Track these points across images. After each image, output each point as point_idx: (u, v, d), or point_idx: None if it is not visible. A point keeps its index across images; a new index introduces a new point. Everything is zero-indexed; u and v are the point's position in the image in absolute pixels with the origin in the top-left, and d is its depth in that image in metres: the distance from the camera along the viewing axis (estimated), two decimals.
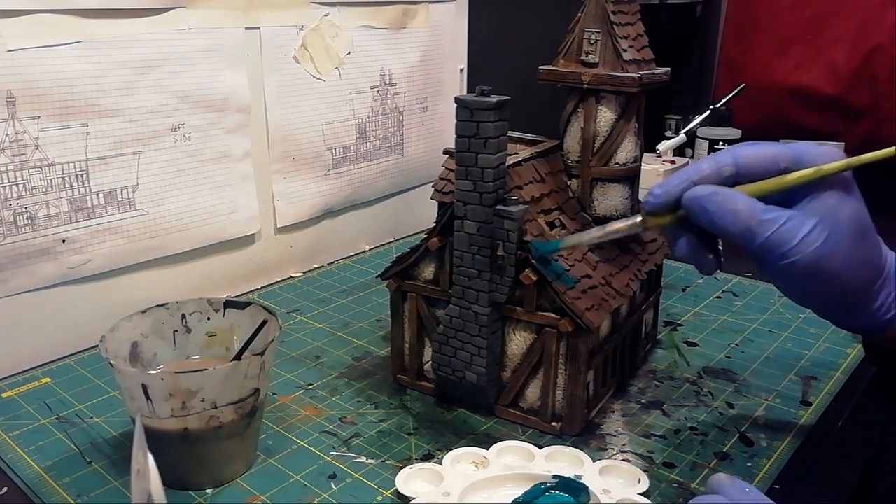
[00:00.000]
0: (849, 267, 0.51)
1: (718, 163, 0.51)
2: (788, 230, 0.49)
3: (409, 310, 0.69)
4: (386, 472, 0.59)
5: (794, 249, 0.49)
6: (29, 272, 0.75)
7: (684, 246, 0.53)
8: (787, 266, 0.49)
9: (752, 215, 0.49)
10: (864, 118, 1.29)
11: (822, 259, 0.49)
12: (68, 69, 0.73)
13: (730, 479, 0.46)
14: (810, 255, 0.49)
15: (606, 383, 0.69)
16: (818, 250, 0.49)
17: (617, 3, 0.64)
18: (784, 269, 0.50)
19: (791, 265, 0.49)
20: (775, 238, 0.49)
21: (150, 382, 0.52)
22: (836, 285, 0.51)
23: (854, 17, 1.28)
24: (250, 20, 0.89)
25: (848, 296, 0.53)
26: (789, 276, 0.51)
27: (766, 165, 0.51)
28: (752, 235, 0.49)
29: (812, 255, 0.49)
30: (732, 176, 0.51)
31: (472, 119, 0.58)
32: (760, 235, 0.49)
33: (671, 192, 0.51)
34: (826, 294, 0.52)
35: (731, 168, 0.51)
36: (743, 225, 0.49)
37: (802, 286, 0.52)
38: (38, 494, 0.56)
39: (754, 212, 0.49)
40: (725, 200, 0.50)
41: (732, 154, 0.51)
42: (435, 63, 1.14)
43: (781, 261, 0.49)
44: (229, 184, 0.90)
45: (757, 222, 0.49)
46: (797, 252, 0.49)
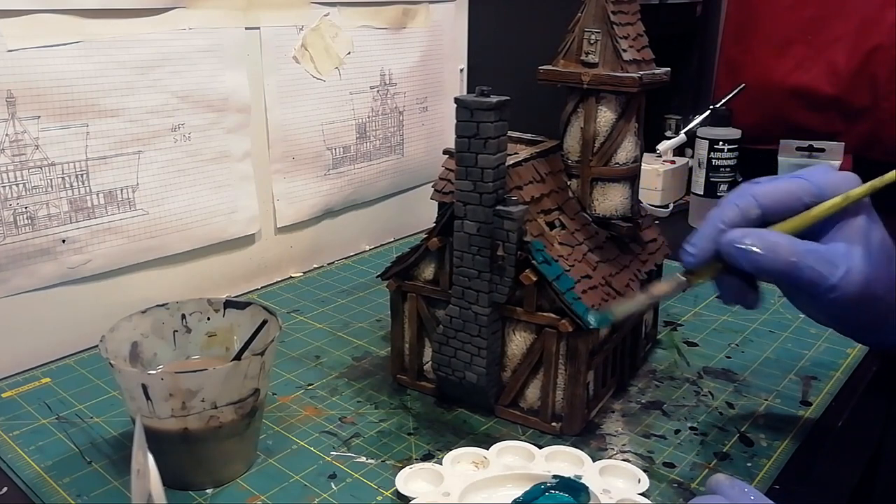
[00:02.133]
0: (884, 289, 0.50)
1: (743, 207, 0.50)
2: (833, 259, 0.48)
3: (409, 310, 0.69)
4: (386, 472, 0.59)
5: (842, 280, 0.48)
6: (29, 272, 0.75)
7: (731, 293, 0.53)
8: (835, 297, 0.49)
9: (793, 250, 0.48)
10: (864, 118, 1.28)
11: (867, 285, 0.49)
12: (68, 69, 0.73)
13: (729, 480, 0.46)
14: (858, 283, 0.48)
15: (606, 383, 0.69)
16: (864, 277, 0.48)
17: (617, 3, 0.64)
18: (831, 299, 0.49)
19: (840, 296, 0.48)
20: (821, 269, 0.48)
21: (150, 382, 0.52)
22: (875, 308, 0.51)
23: (854, 17, 1.28)
24: (250, 20, 0.89)
25: (879, 317, 0.52)
26: (834, 305, 0.50)
27: (790, 202, 0.50)
28: (797, 270, 0.48)
29: (859, 283, 0.48)
30: (759, 217, 0.50)
31: (472, 119, 0.58)
32: (805, 269, 0.48)
33: (705, 246, 0.51)
34: (863, 318, 0.52)
35: (756, 210, 0.50)
36: (785, 261, 0.48)
37: (843, 313, 0.51)
38: (38, 494, 0.56)
39: (794, 246, 0.49)
40: (763, 240, 0.49)
41: (753, 195, 0.51)
42: (435, 63, 1.14)
43: (831, 293, 0.48)
44: (229, 184, 0.90)
45: (799, 256, 0.48)
46: (845, 282, 0.48)
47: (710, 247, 0.51)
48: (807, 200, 0.50)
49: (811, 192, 0.50)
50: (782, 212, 0.50)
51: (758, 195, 0.51)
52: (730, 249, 0.50)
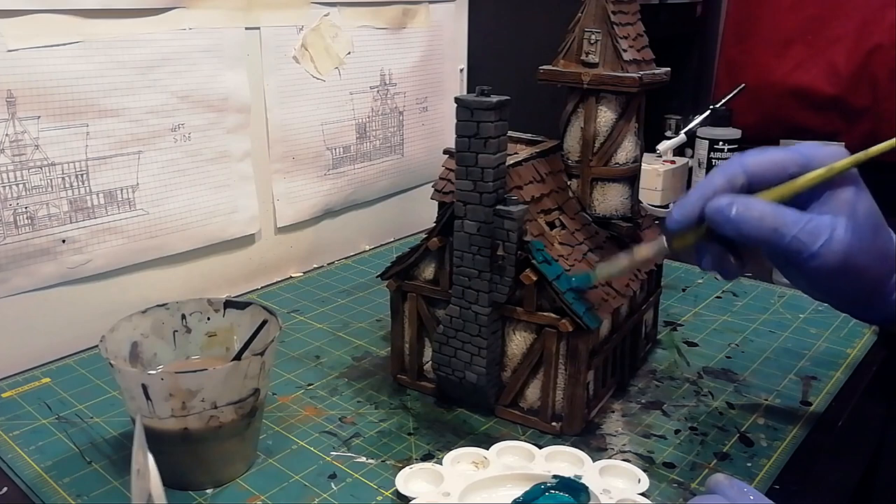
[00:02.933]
0: (871, 260, 0.51)
1: (729, 174, 0.51)
2: (815, 229, 0.49)
3: (409, 310, 0.69)
4: (386, 472, 0.59)
5: (822, 248, 0.49)
6: (29, 272, 0.75)
7: (710, 260, 0.53)
8: (816, 265, 0.49)
9: (777, 218, 0.49)
10: (864, 118, 1.29)
11: (849, 255, 0.49)
12: (68, 69, 0.73)
13: (728, 480, 0.46)
14: (839, 252, 0.49)
15: (606, 383, 0.69)
16: (846, 247, 0.49)
17: (617, 3, 0.64)
18: (813, 268, 0.49)
19: (821, 264, 0.49)
20: (803, 237, 0.49)
21: (150, 382, 0.52)
22: (861, 280, 0.51)
23: (854, 17, 1.28)
24: (250, 20, 0.89)
25: (869, 289, 0.53)
26: (817, 275, 0.50)
27: (776, 172, 0.51)
28: (780, 237, 0.49)
29: (841, 252, 0.49)
30: (745, 186, 0.51)
31: (472, 119, 0.58)
32: (787, 236, 0.49)
33: (690, 210, 0.51)
34: (849, 289, 0.52)
35: (742, 178, 0.51)
36: (769, 228, 0.49)
37: (828, 284, 0.52)
38: (38, 494, 0.56)
39: (778, 214, 0.49)
40: (748, 207, 0.49)
41: (741, 163, 0.51)
42: (435, 63, 1.14)
43: (812, 261, 0.49)
44: (229, 184, 0.90)
45: (782, 223, 0.49)
46: (826, 250, 0.49)
47: (696, 212, 0.51)
48: (792, 170, 0.51)
49: (798, 163, 0.51)
50: (768, 180, 0.51)
51: (745, 163, 0.51)
52: (714, 215, 0.50)
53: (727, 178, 0.51)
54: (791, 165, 0.51)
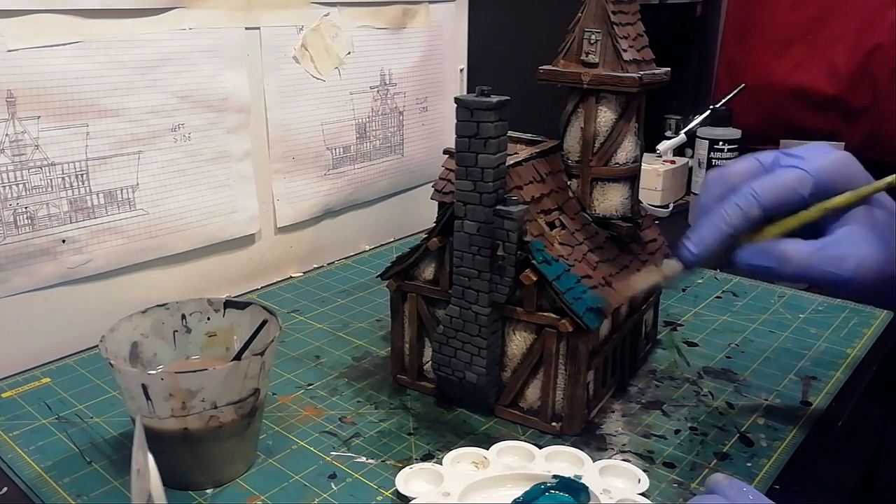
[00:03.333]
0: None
1: (745, 209, 0.52)
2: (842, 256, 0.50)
3: (409, 310, 0.69)
4: (386, 472, 0.59)
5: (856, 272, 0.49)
6: (29, 272, 0.75)
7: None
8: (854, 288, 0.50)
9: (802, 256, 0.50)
10: (864, 118, 1.29)
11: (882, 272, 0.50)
12: (68, 69, 0.73)
13: (728, 479, 0.46)
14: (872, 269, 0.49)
15: (606, 383, 0.69)
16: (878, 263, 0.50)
17: (617, 3, 0.64)
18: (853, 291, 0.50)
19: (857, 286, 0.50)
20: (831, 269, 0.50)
21: (150, 382, 0.52)
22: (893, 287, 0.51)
23: (854, 17, 1.28)
24: (250, 20, 0.89)
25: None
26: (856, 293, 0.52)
27: (789, 198, 0.52)
28: (811, 272, 0.50)
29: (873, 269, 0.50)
30: (759, 218, 0.52)
31: (472, 119, 0.58)
32: (817, 271, 0.50)
33: (709, 249, 0.52)
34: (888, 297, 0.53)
35: (758, 211, 0.52)
36: (795, 268, 0.50)
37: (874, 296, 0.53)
38: (38, 494, 0.56)
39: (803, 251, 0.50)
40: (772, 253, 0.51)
41: (756, 197, 0.52)
42: (435, 63, 1.14)
43: (847, 286, 0.50)
44: (229, 184, 0.90)
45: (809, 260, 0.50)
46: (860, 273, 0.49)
47: (715, 248, 0.52)
48: (804, 192, 0.51)
49: (808, 183, 0.51)
50: (782, 208, 0.52)
51: (758, 195, 0.52)
52: (743, 266, 0.52)
53: (743, 214, 0.52)
54: (802, 189, 0.51)
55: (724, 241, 0.52)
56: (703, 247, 0.52)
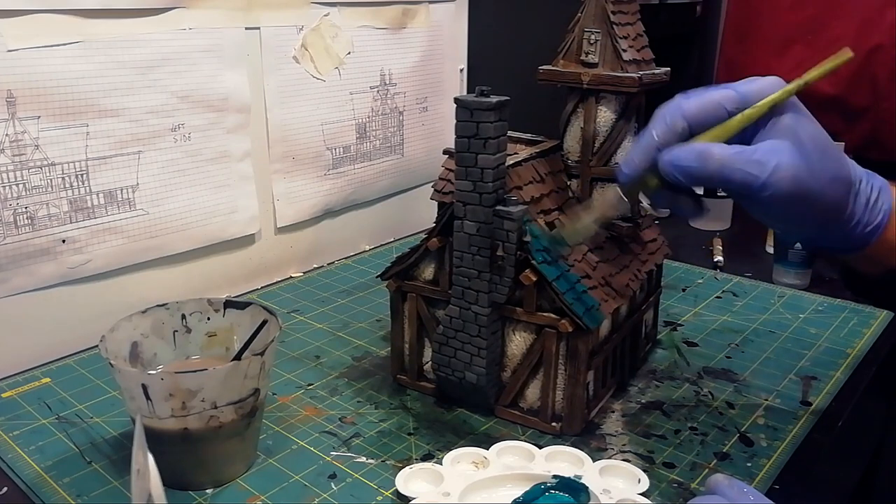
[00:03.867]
0: (823, 183, 0.51)
1: (669, 122, 0.52)
2: (760, 160, 0.50)
3: (409, 310, 0.69)
4: (386, 472, 0.59)
5: (771, 178, 0.49)
6: (29, 272, 0.75)
7: (664, 200, 0.55)
8: (769, 195, 0.50)
9: (721, 156, 0.50)
10: (864, 118, 1.28)
11: (798, 180, 0.50)
12: (68, 69, 0.73)
13: (728, 479, 0.46)
14: (788, 178, 0.50)
15: (606, 383, 0.69)
16: (794, 172, 0.50)
17: (617, 3, 0.64)
18: (766, 198, 0.50)
19: (773, 193, 0.50)
20: (750, 170, 0.50)
21: (150, 382, 0.52)
22: (817, 205, 0.52)
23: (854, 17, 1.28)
24: (250, 20, 0.89)
25: (828, 213, 0.53)
26: (772, 203, 0.51)
27: (715, 112, 0.52)
28: (728, 173, 0.50)
29: (789, 178, 0.50)
30: (686, 130, 0.52)
31: (471, 119, 0.58)
32: (735, 172, 0.50)
33: (637, 164, 0.53)
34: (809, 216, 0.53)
35: (682, 123, 0.52)
36: (714, 167, 0.50)
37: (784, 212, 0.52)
38: (38, 494, 0.56)
39: (723, 152, 0.50)
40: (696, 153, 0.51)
41: (680, 109, 0.52)
42: (435, 63, 1.14)
43: (763, 192, 0.50)
44: (229, 184, 0.90)
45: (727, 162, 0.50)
46: (775, 179, 0.49)
47: (643, 163, 0.53)
48: (730, 108, 0.52)
49: (734, 100, 0.52)
50: (707, 120, 0.52)
51: (684, 109, 0.52)
52: (665, 168, 0.52)
53: (668, 126, 0.52)
54: (728, 103, 0.52)
55: (651, 154, 0.52)
56: (632, 163, 0.53)
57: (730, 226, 1.22)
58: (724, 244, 1.10)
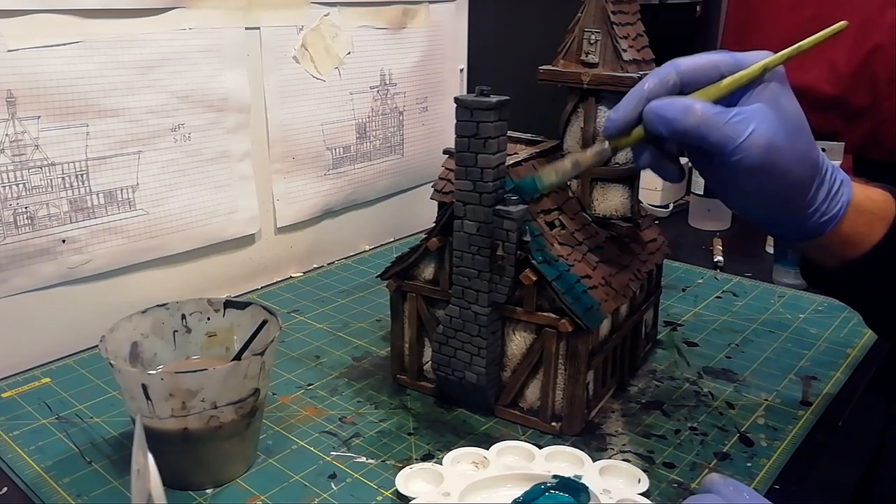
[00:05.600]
0: (793, 161, 0.51)
1: (662, 75, 0.53)
2: (739, 123, 0.50)
3: (409, 310, 0.69)
4: (386, 472, 0.59)
5: (746, 142, 0.50)
6: (29, 272, 0.75)
7: (647, 157, 0.55)
8: (738, 159, 0.50)
9: (703, 113, 0.51)
10: (864, 118, 1.28)
11: (771, 151, 0.50)
12: (68, 69, 0.73)
13: (723, 479, 0.46)
14: (762, 146, 0.50)
15: (606, 383, 0.69)
16: (769, 141, 0.50)
17: (617, 3, 0.64)
18: (735, 163, 0.50)
19: (743, 158, 0.50)
20: (728, 131, 0.50)
21: (150, 382, 0.52)
22: (782, 182, 0.52)
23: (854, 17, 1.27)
24: (250, 20, 0.89)
25: (790, 194, 0.53)
26: (739, 172, 0.51)
27: (708, 72, 0.52)
28: (706, 131, 0.50)
29: (763, 146, 0.50)
30: (677, 85, 0.53)
31: (471, 119, 0.58)
32: (713, 129, 0.50)
33: (625, 112, 0.53)
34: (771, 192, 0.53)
35: (675, 77, 0.53)
36: (695, 123, 0.51)
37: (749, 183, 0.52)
38: (38, 494, 0.56)
39: (705, 110, 0.51)
40: (680, 105, 0.51)
41: (674, 65, 0.53)
42: (435, 63, 1.14)
43: (735, 155, 0.50)
44: (229, 184, 0.90)
45: (708, 118, 0.50)
46: (750, 144, 0.50)
47: (632, 114, 0.53)
48: (723, 69, 0.52)
49: (729, 63, 0.53)
50: (700, 80, 0.53)
51: (678, 65, 0.53)
52: (649, 115, 0.52)
53: (660, 79, 0.53)
54: (723, 66, 0.52)
55: (641, 105, 0.53)
56: (619, 110, 0.54)
57: (730, 226, 1.22)
58: (724, 244, 1.10)
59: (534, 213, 0.63)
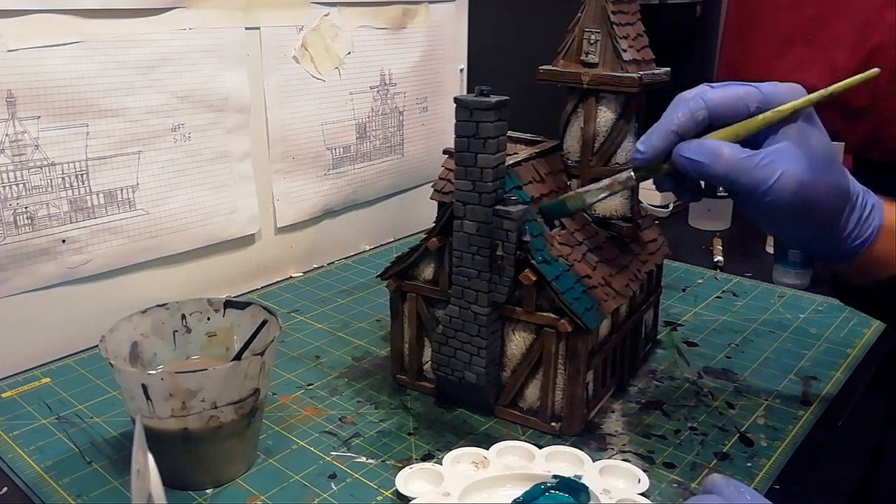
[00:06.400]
0: (823, 194, 0.52)
1: (692, 109, 0.53)
2: (767, 166, 0.51)
3: (408, 310, 0.69)
4: (386, 472, 0.59)
5: (776, 184, 0.50)
6: (29, 272, 0.75)
7: (669, 185, 0.57)
8: (770, 200, 0.51)
9: (732, 158, 0.51)
10: (864, 118, 1.28)
11: (801, 190, 0.51)
12: (68, 69, 0.73)
13: (724, 479, 0.46)
14: (792, 186, 0.50)
15: (606, 383, 0.69)
16: (798, 181, 0.51)
17: (617, 3, 0.64)
18: (768, 203, 0.51)
19: (775, 199, 0.51)
20: (757, 175, 0.51)
21: (150, 382, 0.52)
22: (814, 214, 0.53)
23: (854, 17, 1.28)
24: (250, 20, 0.89)
25: (824, 224, 0.54)
26: (773, 210, 0.52)
27: (737, 107, 0.53)
28: (736, 175, 0.51)
29: (793, 186, 0.50)
30: (705, 120, 0.53)
31: (471, 119, 0.58)
32: (744, 174, 0.51)
33: (656, 147, 0.54)
34: (805, 224, 0.54)
35: (704, 113, 0.53)
36: (723, 168, 0.51)
37: (784, 219, 0.53)
38: (38, 494, 0.56)
39: (734, 154, 0.51)
40: (708, 150, 0.52)
41: (703, 99, 0.53)
42: (435, 63, 1.14)
43: (766, 197, 0.51)
44: (229, 184, 0.90)
45: (737, 163, 0.51)
46: (780, 186, 0.50)
47: (660, 147, 0.53)
48: (752, 107, 0.53)
49: (758, 99, 0.53)
50: (727, 115, 0.53)
51: (707, 99, 0.53)
52: (678, 159, 0.53)
53: (690, 114, 0.53)
54: (751, 101, 0.53)
55: (670, 140, 0.53)
56: (649, 145, 0.54)
57: (730, 226, 1.22)
58: (724, 244, 1.10)
59: (534, 214, 0.63)
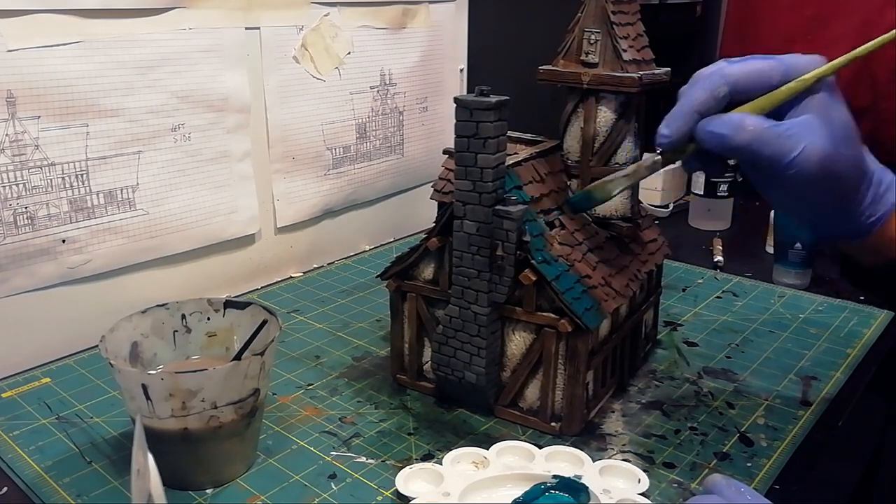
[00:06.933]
0: (844, 168, 0.52)
1: (712, 86, 0.52)
2: (791, 137, 0.50)
3: (408, 310, 0.69)
4: (386, 472, 0.59)
5: (799, 156, 0.50)
6: (29, 272, 0.75)
7: (696, 164, 0.56)
8: (793, 174, 0.50)
9: (756, 129, 0.51)
10: (864, 118, 1.28)
11: (824, 162, 0.50)
12: (68, 69, 0.73)
13: (725, 479, 0.46)
14: (816, 159, 0.50)
15: (606, 383, 0.69)
16: (822, 153, 0.50)
17: (617, 3, 0.64)
18: (791, 176, 0.51)
19: (799, 171, 0.50)
20: (781, 146, 0.50)
21: (150, 382, 0.52)
22: (835, 187, 0.52)
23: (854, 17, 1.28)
24: (250, 20, 0.89)
25: (842, 196, 0.54)
26: (795, 182, 0.51)
27: (759, 81, 0.52)
28: (760, 146, 0.50)
29: (817, 159, 0.50)
30: (727, 96, 0.52)
31: (471, 119, 0.58)
32: (767, 145, 0.50)
33: (679, 128, 0.53)
34: (825, 197, 0.53)
35: (725, 89, 0.52)
36: (748, 139, 0.50)
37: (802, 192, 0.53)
38: (38, 494, 0.56)
39: (758, 125, 0.51)
40: (732, 122, 0.51)
41: (723, 75, 0.52)
42: (435, 63, 1.14)
43: (789, 169, 0.50)
44: (229, 184, 0.90)
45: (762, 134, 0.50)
46: (804, 157, 0.50)
47: (684, 128, 0.53)
48: (775, 79, 0.52)
49: (780, 71, 0.52)
50: (749, 90, 0.52)
51: (727, 74, 0.52)
52: (702, 135, 0.52)
53: (711, 92, 0.52)
54: (773, 74, 0.52)
55: (692, 119, 0.52)
56: (673, 127, 0.53)
57: (730, 226, 1.22)
58: (724, 244, 1.10)
59: (534, 214, 0.63)
